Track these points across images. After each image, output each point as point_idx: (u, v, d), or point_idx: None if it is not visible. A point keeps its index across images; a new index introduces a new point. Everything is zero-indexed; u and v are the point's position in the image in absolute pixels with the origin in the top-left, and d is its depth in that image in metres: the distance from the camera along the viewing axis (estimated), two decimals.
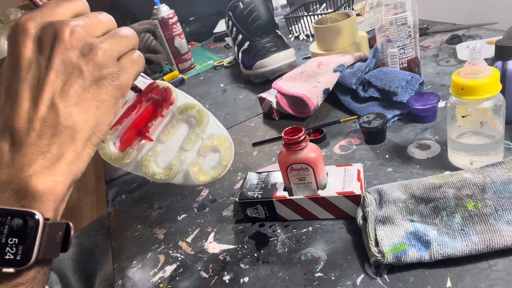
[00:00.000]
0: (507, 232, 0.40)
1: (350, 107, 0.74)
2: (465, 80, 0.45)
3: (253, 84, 1.01)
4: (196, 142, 0.51)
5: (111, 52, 0.37)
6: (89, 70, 0.35)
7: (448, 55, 0.83)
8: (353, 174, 0.52)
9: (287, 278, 0.46)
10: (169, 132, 0.51)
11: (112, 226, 0.67)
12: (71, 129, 0.35)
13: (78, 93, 0.35)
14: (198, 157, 0.51)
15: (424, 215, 0.45)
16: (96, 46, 0.36)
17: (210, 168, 0.52)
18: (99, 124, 0.37)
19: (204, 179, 0.51)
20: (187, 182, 0.51)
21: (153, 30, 1.23)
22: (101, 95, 0.36)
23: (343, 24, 0.85)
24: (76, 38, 0.35)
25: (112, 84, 0.37)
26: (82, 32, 0.35)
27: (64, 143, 0.35)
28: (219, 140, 0.51)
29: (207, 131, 0.51)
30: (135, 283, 0.53)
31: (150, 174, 0.50)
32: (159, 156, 0.51)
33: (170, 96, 0.50)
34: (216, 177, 0.51)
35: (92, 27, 0.37)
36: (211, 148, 0.51)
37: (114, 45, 0.37)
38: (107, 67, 0.36)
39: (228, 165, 0.52)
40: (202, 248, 0.55)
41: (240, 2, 1.00)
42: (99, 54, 0.36)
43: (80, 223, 2.33)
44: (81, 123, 0.35)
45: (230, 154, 0.52)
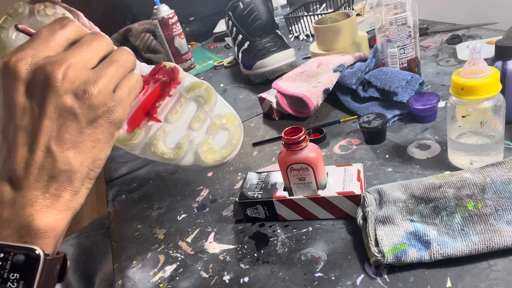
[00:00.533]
0: (507, 232, 0.40)
1: (350, 107, 0.74)
2: (465, 80, 0.45)
3: (253, 84, 1.01)
4: (205, 121, 0.50)
5: (106, 89, 0.36)
6: (84, 112, 0.35)
7: (448, 55, 0.83)
8: (353, 174, 0.52)
9: (287, 278, 0.46)
10: (177, 111, 0.50)
11: (112, 226, 0.67)
12: (68, 172, 0.35)
13: (73, 136, 0.35)
14: (208, 136, 0.50)
15: (424, 215, 0.45)
16: (90, 87, 0.35)
17: (220, 147, 0.51)
18: (96, 161, 0.37)
19: (213, 158, 0.50)
20: (196, 162, 0.50)
21: (153, 30, 1.23)
22: (97, 134, 0.36)
23: (343, 24, 0.85)
24: (69, 81, 0.34)
25: (107, 121, 0.36)
26: (75, 73, 0.34)
27: (62, 184, 0.35)
28: (228, 118, 0.51)
29: (215, 110, 0.51)
30: (135, 283, 0.53)
31: (159, 153, 0.49)
32: (167, 136, 0.50)
33: (177, 76, 0.50)
34: (226, 157, 0.50)
35: (87, 59, 0.36)
36: (220, 126, 0.51)
37: (110, 79, 0.36)
38: (102, 106, 0.36)
39: (238, 144, 0.51)
40: (202, 248, 0.55)
41: (240, 2, 1.00)
42: (93, 94, 0.35)
43: (80, 223, 2.33)
44: (77, 165, 0.36)
45: (240, 132, 0.51)
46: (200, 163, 0.50)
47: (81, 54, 0.35)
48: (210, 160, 0.50)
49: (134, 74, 0.40)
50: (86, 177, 0.37)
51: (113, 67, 0.37)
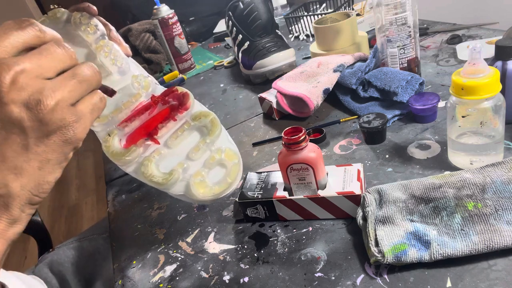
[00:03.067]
0: (507, 232, 0.40)
1: (350, 107, 0.74)
2: (465, 80, 0.45)
3: (253, 84, 1.01)
4: (204, 152, 0.49)
5: (65, 102, 0.31)
6: (34, 126, 0.29)
7: (448, 55, 0.83)
8: (353, 174, 0.52)
9: (287, 278, 0.46)
10: (177, 137, 0.48)
11: (112, 226, 0.67)
12: (5, 197, 0.30)
13: (17, 155, 0.30)
14: (203, 169, 0.48)
15: (424, 215, 0.45)
16: (45, 97, 0.29)
17: (214, 183, 0.48)
18: (42, 185, 0.31)
19: (204, 192, 0.47)
20: (186, 193, 0.47)
21: (153, 30, 1.23)
22: (47, 153, 0.31)
23: (343, 24, 0.85)
24: (19, 88, 0.29)
25: (62, 138, 0.31)
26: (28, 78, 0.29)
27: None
28: (227, 154, 0.49)
29: (217, 143, 0.49)
30: (135, 283, 0.53)
31: (148, 174, 0.47)
32: (162, 160, 0.48)
33: (187, 101, 0.49)
34: (217, 194, 0.47)
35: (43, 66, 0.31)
36: (218, 161, 0.48)
37: (71, 92, 0.31)
38: (58, 121, 0.30)
39: (233, 183, 0.48)
40: (202, 248, 0.55)
41: (240, 2, 1.00)
42: (49, 107, 0.29)
43: (80, 223, 2.33)
44: (17, 190, 0.30)
45: (237, 171, 0.48)
46: (189, 195, 0.47)
47: (38, 61, 0.30)
48: (200, 194, 0.46)
49: (98, 92, 0.35)
50: (27, 203, 0.31)
51: (75, 80, 0.32)
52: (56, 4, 3.06)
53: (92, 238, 0.85)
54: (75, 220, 2.38)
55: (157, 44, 1.25)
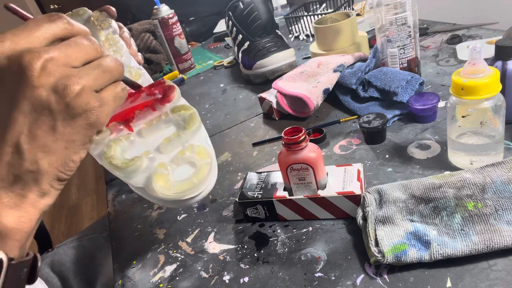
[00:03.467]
0: (507, 232, 0.40)
1: (350, 107, 0.74)
2: (465, 80, 0.45)
3: (253, 84, 1.01)
4: (174, 147, 0.45)
5: (89, 88, 0.33)
6: (61, 109, 0.32)
7: (448, 55, 0.83)
8: (353, 174, 0.52)
9: (287, 278, 0.46)
10: (151, 125, 0.46)
11: (112, 226, 0.67)
12: (35, 172, 0.33)
13: (46, 135, 0.32)
14: (170, 163, 0.44)
15: (424, 215, 0.45)
16: (72, 82, 0.32)
17: (177, 180, 0.43)
18: (68, 164, 0.34)
19: (163, 186, 0.42)
20: (146, 187, 0.43)
21: (153, 30, 1.23)
22: (72, 135, 0.33)
23: (343, 24, 0.85)
24: (48, 73, 0.31)
25: (87, 122, 0.34)
26: (56, 66, 0.32)
27: (27, 185, 0.33)
28: (199, 152, 0.45)
29: (191, 140, 0.46)
30: (135, 283, 0.53)
31: (109, 156, 0.43)
32: (130, 148, 0.45)
33: (170, 94, 0.47)
34: (177, 193, 0.42)
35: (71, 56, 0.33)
36: (187, 158, 0.45)
37: (95, 80, 0.34)
38: (83, 105, 0.33)
39: (199, 185, 0.43)
40: (202, 248, 0.55)
41: (240, 2, 1.00)
42: (75, 91, 0.32)
43: (80, 223, 2.33)
44: (46, 166, 0.33)
45: (207, 173, 0.43)
46: (149, 189, 0.42)
47: (66, 51, 0.33)
48: (159, 188, 0.42)
49: (121, 83, 0.37)
50: (55, 179, 0.34)
51: (99, 69, 0.34)
52: (56, 4, 3.06)
53: (93, 237, 0.85)
54: (75, 220, 2.38)
55: (157, 44, 1.26)
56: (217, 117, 0.91)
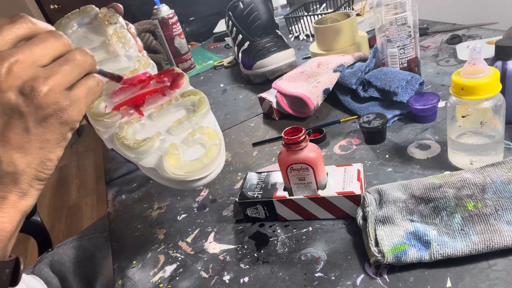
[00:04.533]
0: (507, 232, 0.40)
1: (350, 107, 0.74)
2: (465, 80, 0.45)
3: (253, 84, 1.01)
4: (185, 128, 0.46)
5: (58, 86, 0.33)
6: (31, 111, 0.32)
7: (448, 55, 0.83)
8: (353, 174, 0.52)
9: (287, 278, 0.46)
10: (161, 109, 0.47)
11: (112, 226, 0.67)
12: (13, 173, 0.33)
13: (19, 136, 0.33)
14: (181, 144, 0.45)
15: (424, 215, 0.45)
16: (39, 83, 0.32)
17: (188, 160, 0.44)
18: (45, 162, 0.35)
19: (174, 165, 0.43)
20: (157, 166, 0.44)
21: (153, 30, 1.23)
22: (46, 134, 0.34)
23: (343, 24, 0.85)
24: (14, 77, 0.31)
25: (59, 121, 0.34)
26: (22, 69, 0.32)
27: (6, 186, 0.33)
28: (208, 133, 0.46)
29: (201, 122, 0.47)
30: (135, 283, 0.53)
31: (121, 136, 0.44)
32: (141, 130, 0.46)
33: (180, 80, 0.49)
34: (188, 173, 0.43)
35: (37, 55, 0.33)
36: (197, 139, 0.46)
37: (63, 77, 0.34)
38: (53, 105, 0.33)
39: (209, 166, 0.43)
40: (202, 248, 0.55)
41: (240, 2, 1.00)
42: (42, 92, 0.32)
43: (80, 223, 2.33)
44: (23, 167, 0.34)
45: (216, 154, 0.44)
46: (160, 168, 0.43)
47: (31, 51, 0.33)
48: (170, 167, 0.42)
49: (95, 76, 0.37)
50: (35, 179, 0.35)
51: (67, 65, 0.34)
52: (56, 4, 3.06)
53: (93, 237, 0.85)
54: (75, 220, 2.38)
55: (157, 44, 1.25)
56: (217, 117, 0.91)
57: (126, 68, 0.52)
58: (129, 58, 0.53)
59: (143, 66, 0.51)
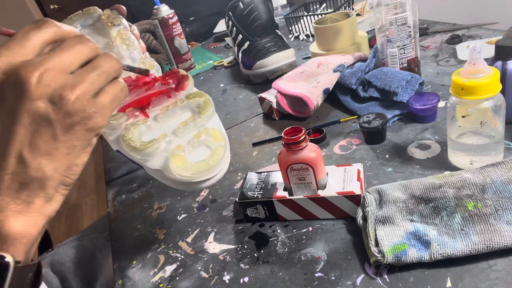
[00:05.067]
0: (507, 232, 0.40)
1: (350, 107, 0.74)
2: (465, 80, 0.45)
3: (253, 84, 1.01)
4: (191, 130, 0.47)
5: (85, 95, 0.34)
6: (59, 119, 0.33)
7: (448, 55, 0.83)
8: (353, 174, 0.52)
9: (287, 278, 0.46)
10: (167, 110, 0.48)
11: (112, 226, 0.67)
12: (41, 179, 0.34)
13: (47, 143, 0.34)
14: (186, 146, 0.46)
15: (424, 215, 0.45)
16: (67, 92, 0.33)
17: (194, 162, 0.45)
18: (71, 168, 0.36)
19: (181, 167, 0.43)
20: (164, 169, 0.44)
21: (153, 30, 1.23)
22: (73, 141, 0.35)
23: (343, 24, 0.85)
24: (44, 85, 0.32)
25: (85, 128, 0.35)
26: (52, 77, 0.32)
27: (33, 191, 0.34)
28: (214, 134, 0.46)
29: (206, 124, 0.48)
30: (135, 283, 0.53)
31: (128, 138, 0.44)
32: (148, 132, 0.47)
33: (185, 82, 0.49)
34: (194, 174, 0.43)
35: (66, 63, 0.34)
36: (203, 141, 0.46)
37: (90, 84, 0.34)
38: (80, 112, 0.34)
39: (215, 168, 0.44)
40: (202, 248, 0.55)
41: (240, 2, 1.00)
42: (71, 101, 0.33)
43: (80, 223, 2.33)
44: (50, 172, 0.34)
45: (221, 155, 0.45)
46: (166, 170, 0.43)
47: (59, 58, 0.34)
48: (176, 168, 0.43)
49: (120, 82, 0.38)
50: (61, 184, 0.36)
51: (94, 72, 0.35)
52: (56, 4, 3.06)
53: (93, 237, 0.85)
54: (75, 220, 2.38)
55: (157, 44, 1.25)
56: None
57: None
58: (133, 60, 0.53)
59: (148, 68, 0.51)
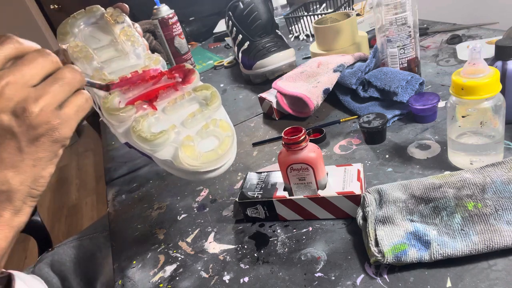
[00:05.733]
0: (507, 232, 0.40)
1: (350, 107, 0.74)
2: (465, 80, 0.45)
3: (253, 84, 1.01)
4: (199, 121, 0.48)
5: (48, 107, 0.34)
6: (23, 131, 0.33)
7: (448, 55, 0.83)
8: (353, 174, 0.52)
9: (287, 278, 0.46)
10: (175, 102, 0.49)
11: (112, 226, 0.67)
12: (7, 192, 0.34)
13: (12, 156, 0.34)
14: (195, 136, 0.47)
15: (424, 215, 0.45)
16: (30, 104, 0.33)
17: (203, 151, 0.46)
18: (38, 180, 0.36)
19: (191, 156, 0.44)
20: (173, 159, 0.45)
21: (153, 30, 1.23)
22: (38, 152, 0.35)
23: (343, 24, 0.85)
24: (6, 99, 0.32)
25: (50, 139, 0.35)
26: (14, 91, 0.33)
27: (1, 204, 0.34)
28: (222, 125, 0.48)
29: (214, 115, 0.49)
30: (135, 283, 0.53)
31: (138, 129, 0.45)
32: (156, 124, 0.48)
33: (191, 76, 0.51)
34: (204, 163, 0.44)
35: (27, 77, 0.34)
36: (211, 131, 0.48)
37: (54, 96, 0.35)
38: (44, 124, 0.34)
39: (223, 157, 0.45)
40: (202, 248, 0.55)
41: (240, 2, 1.00)
42: (34, 113, 0.33)
43: (80, 223, 2.33)
44: (17, 185, 0.34)
45: (229, 145, 0.46)
46: (176, 161, 0.44)
47: (21, 72, 0.34)
48: (186, 158, 0.44)
49: (84, 92, 0.38)
50: (28, 196, 0.36)
51: (57, 84, 0.35)
52: (56, 4, 3.06)
53: (93, 237, 0.85)
54: (75, 220, 2.38)
55: (157, 44, 1.25)
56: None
57: (136, 65, 0.53)
58: (138, 56, 0.54)
59: (154, 63, 0.53)
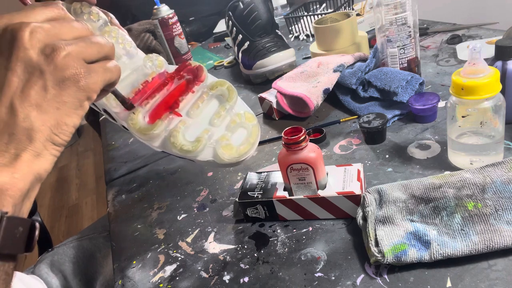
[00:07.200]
0: (507, 232, 0.40)
1: (350, 107, 0.74)
2: (465, 80, 0.45)
3: (253, 84, 1.01)
4: (225, 118, 0.52)
5: (77, 54, 0.36)
6: (50, 70, 0.34)
7: (448, 55, 0.83)
8: (353, 174, 0.52)
9: (287, 278, 0.46)
10: (198, 107, 0.51)
11: (112, 226, 0.67)
12: (28, 129, 0.34)
13: (38, 94, 0.34)
14: (226, 133, 0.51)
15: (424, 215, 0.45)
16: (59, 47, 0.35)
17: (238, 144, 0.51)
18: (60, 125, 0.36)
19: (230, 154, 0.49)
20: (214, 158, 0.50)
21: (153, 30, 1.23)
22: (63, 96, 0.35)
23: (343, 24, 0.85)
24: (36, 38, 0.34)
25: (76, 85, 0.36)
26: (44, 33, 0.35)
27: (21, 143, 0.34)
28: (247, 117, 0.52)
29: (235, 108, 0.52)
30: (135, 283, 0.53)
31: (178, 144, 0.49)
32: (188, 130, 0.51)
33: (201, 74, 0.52)
34: (242, 154, 0.50)
35: (60, 31, 0.36)
36: (239, 124, 0.51)
37: (82, 48, 0.36)
38: (71, 68, 0.35)
39: (255, 143, 0.51)
40: (202, 248, 0.55)
41: (240, 2, 1.00)
42: (62, 54, 0.35)
43: (80, 223, 2.33)
44: (39, 124, 0.35)
45: (257, 132, 0.51)
46: (217, 159, 0.49)
47: (55, 26, 0.36)
48: (227, 156, 0.49)
49: (113, 61, 0.39)
50: (49, 140, 0.36)
51: (87, 42, 0.37)
52: None
53: (93, 237, 0.85)
54: (75, 220, 2.38)
55: (157, 44, 1.25)
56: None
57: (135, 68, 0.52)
58: (131, 56, 0.53)
59: (158, 67, 0.53)
